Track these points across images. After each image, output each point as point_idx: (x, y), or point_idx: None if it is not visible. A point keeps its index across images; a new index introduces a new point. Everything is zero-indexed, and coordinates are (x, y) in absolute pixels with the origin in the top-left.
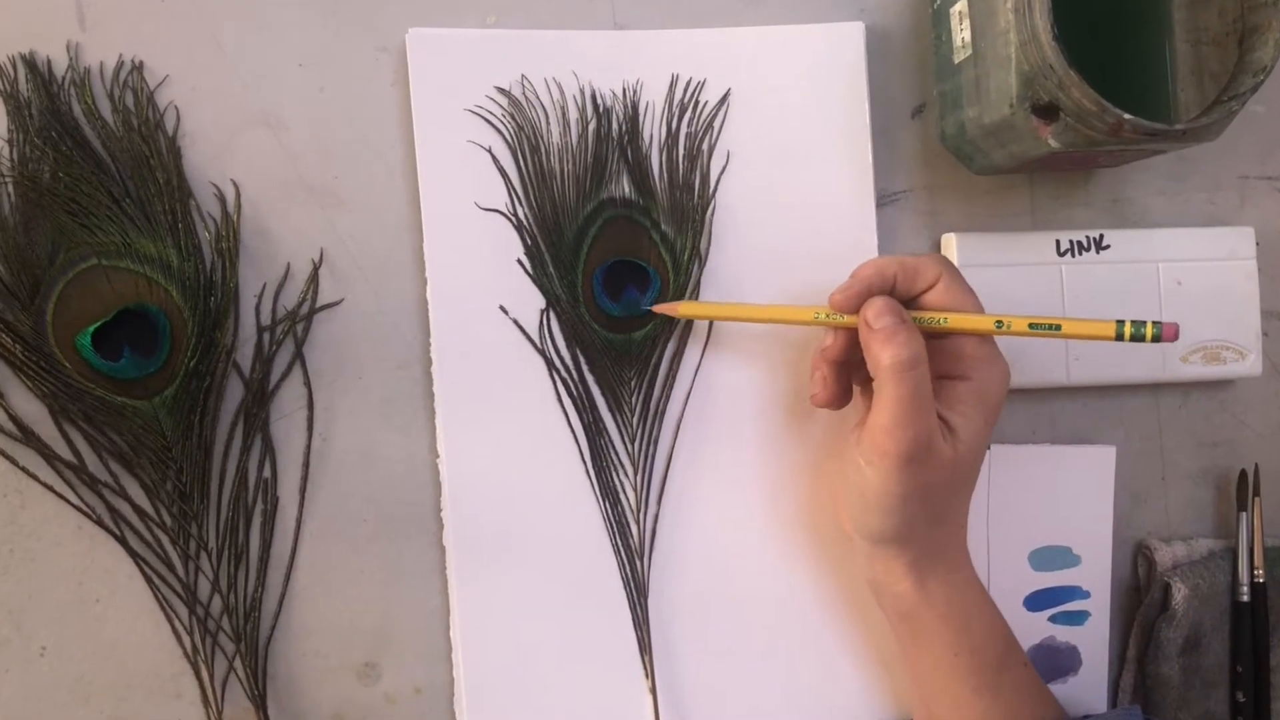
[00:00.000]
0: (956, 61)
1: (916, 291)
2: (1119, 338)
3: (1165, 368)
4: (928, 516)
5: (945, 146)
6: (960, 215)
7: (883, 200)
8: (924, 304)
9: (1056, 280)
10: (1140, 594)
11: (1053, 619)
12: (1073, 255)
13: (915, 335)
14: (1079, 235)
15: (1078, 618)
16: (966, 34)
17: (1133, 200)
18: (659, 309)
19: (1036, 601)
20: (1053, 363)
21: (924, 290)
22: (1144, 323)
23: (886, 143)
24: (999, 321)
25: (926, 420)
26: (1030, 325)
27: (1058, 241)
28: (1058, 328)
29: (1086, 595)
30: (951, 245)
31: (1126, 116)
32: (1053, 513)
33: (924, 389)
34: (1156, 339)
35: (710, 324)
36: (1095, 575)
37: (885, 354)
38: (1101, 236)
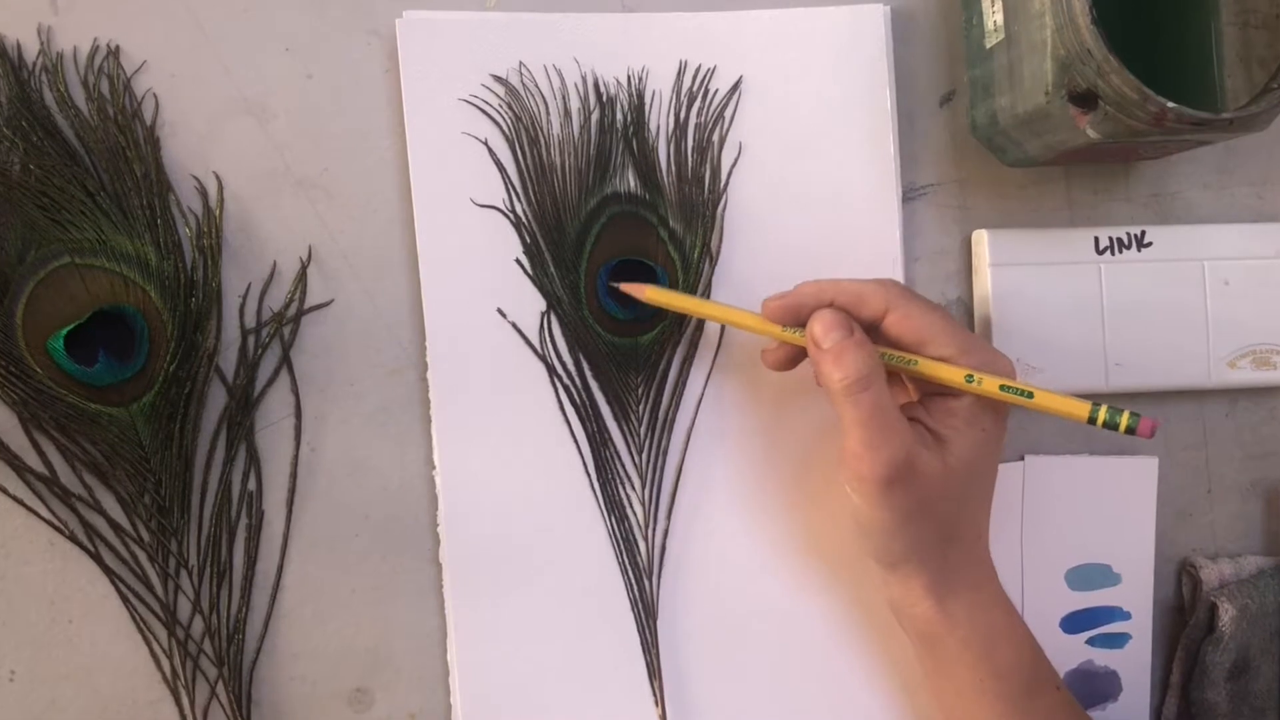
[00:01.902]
0: (988, 46)
1: (863, 320)
2: (1091, 421)
3: (1211, 374)
4: (936, 535)
5: (975, 137)
6: (991, 211)
7: (908, 195)
8: (882, 335)
9: (1095, 280)
10: (1184, 615)
11: (1091, 642)
12: (1112, 253)
13: (865, 350)
14: (1119, 232)
15: (1118, 640)
16: (999, 16)
17: (1176, 194)
18: (625, 288)
19: (1074, 623)
20: (1090, 368)
21: (871, 322)
22: (1120, 411)
23: (912, 133)
24: (969, 376)
25: (897, 438)
26: (1001, 387)
27: (1096, 239)
28: (1030, 395)
29: (1127, 616)
30: (982, 242)
31: (1170, 105)
32: (1091, 528)
33: (884, 404)
34: (1130, 431)
35: (723, 327)
36: (1136, 595)
37: (835, 375)
38: (1143, 233)
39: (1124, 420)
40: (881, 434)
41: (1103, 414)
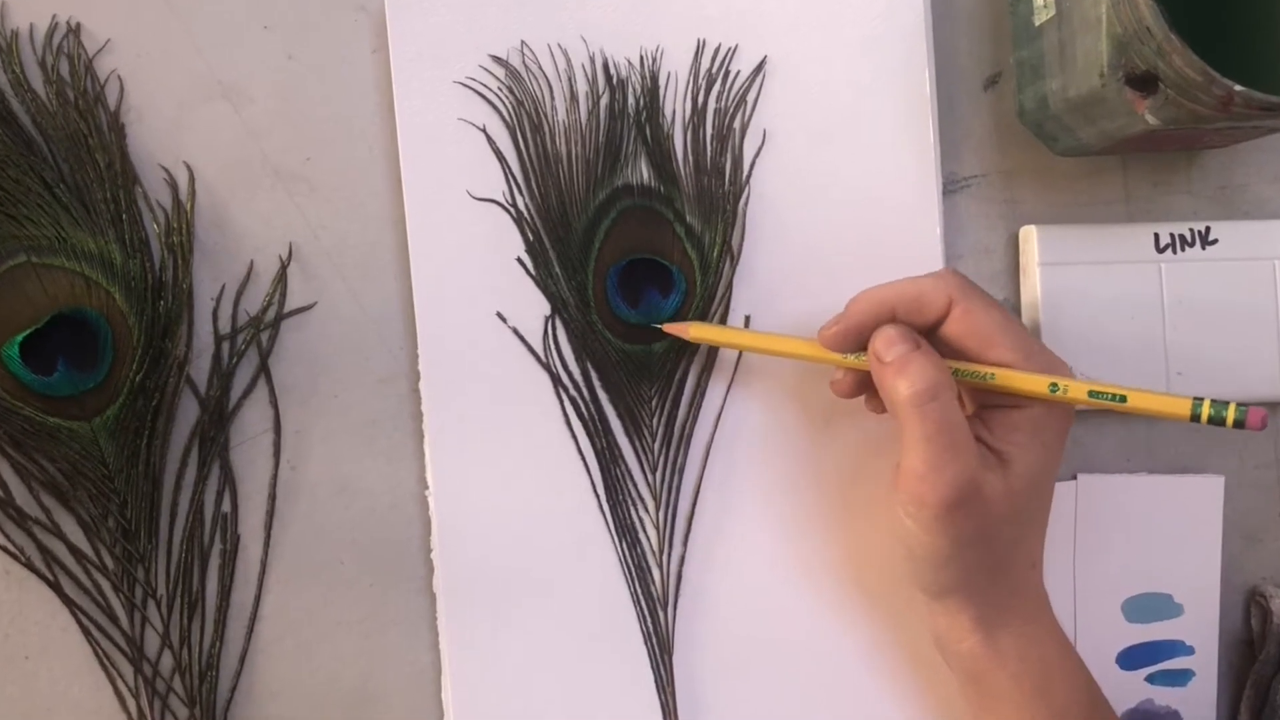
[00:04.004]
0: (1037, 24)
1: (926, 322)
2: (1194, 418)
3: None
4: (989, 564)
5: (1023, 124)
6: (1041, 205)
7: (949, 187)
8: (942, 335)
9: (1155, 281)
10: (1254, 649)
11: (1151, 679)
12: (1174, 251)
13: (933, 360)
14: (1181, 228)
15: (1180, 677)
16: None
17: (1244, 187)
18: (669, 329)
19: (1132, 658)
20: (1150, 375)
21: (935, 322)
22: (1226, 404)
23: (953, 120)
24: (1053, 384)
25: (964, 457)
26: (1090, 393)
27: (1156, 235)
28: (1123, 399)
29: (1190, 651)
30: (1031, 240)
31: (1237, 88)
32: (1150, 554)
33: (953, 420)
34: (1239, 424)
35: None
36: (1201, 628)
37: (900, 387)
38: (1208, 230)
39: (1230, 413)
40: (948, 452)
41: (1206, 409)
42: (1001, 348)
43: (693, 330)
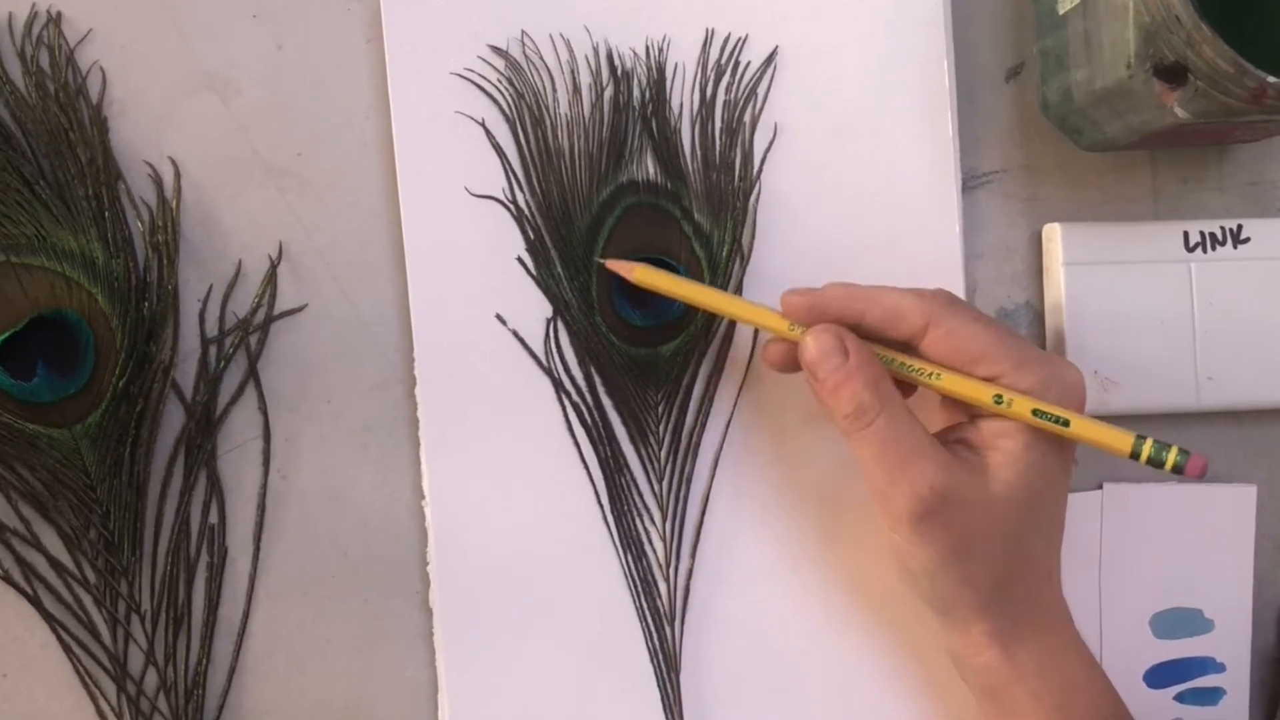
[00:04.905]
0: (1061, 12)
1: (899, 337)
2: (1134, 456)
3: None
4: (991, 575)
5: (1046, 117)
6: (1066, 201)
7: (969, 183)
8: (929, 354)
9: (1184, 281)
10: None
11: (1180, 698)
12: (1204, 250)
13: (865, 377)
14: (1212, 226)
15: (1210, 696)
16: None
17: (1277, 183)
18: (611, 265)
19: (1160, 676)
20: (1180, 381)
21: (910, 337)
22: (1167, 446)
23: (973, 113)
24: (998, 396)
25: (921, 468)
26: (1034, 411)
27: (1186, 234)
28: (1065, 423)
29: (1221, 669)
30: (1055, 238)
31: (1270, 79)
32: (1179, 567)
33: (897, 434)
34: (1178, 470)
35: (754, 339)
36: (1232, 644)
37: (836, 408)
38: (1239, 228)
39: (1170, 457)
40: (900, 466)
41: (1147, 449)
42: (989, 361)
43: (637, 272)
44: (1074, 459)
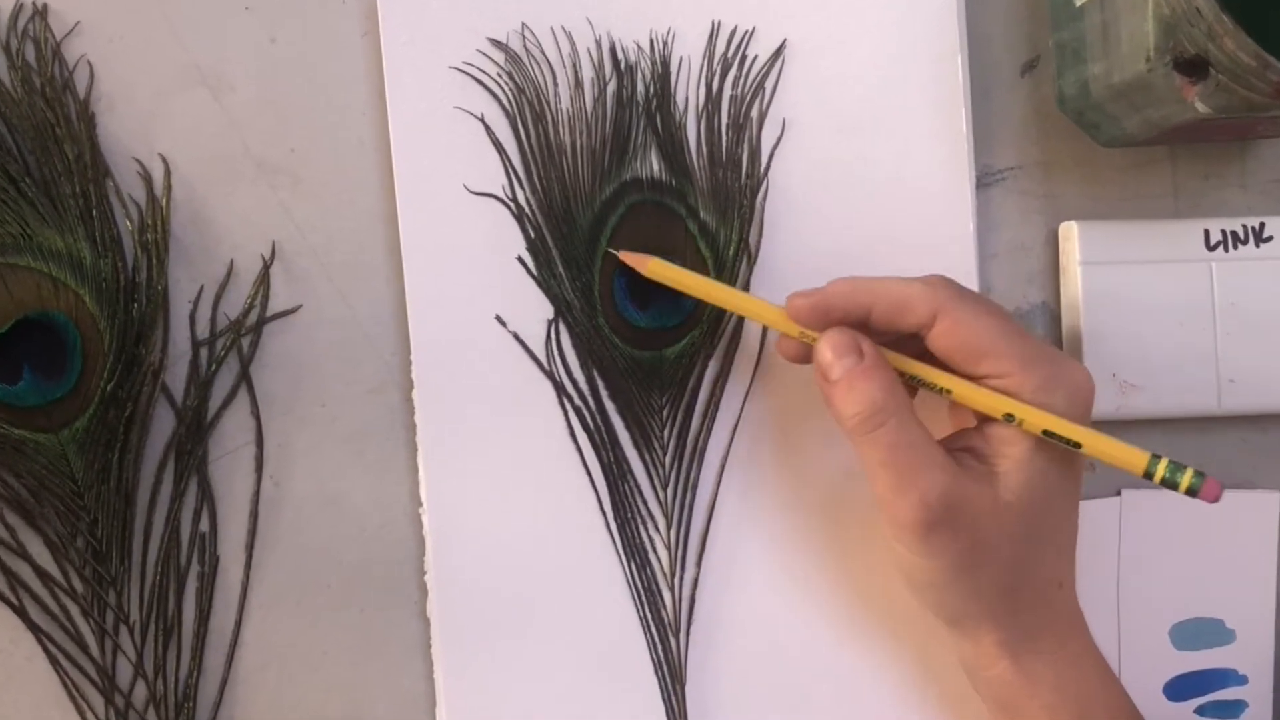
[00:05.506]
0: (1078, 3)
1: (906, 329)
2: (1148, 476)
3: None
4: (1003, 584)
5: (1063, 112)
6: (1083, 199)
7: (983, 180)
8: (928, 347)
9: (1205, 280)
10: None
11: (1201, 710)
12: (1225, 249)
13: (878, 379)
14: (1233, 224)
15: (1232, 709)
16: None
17: None
18: (624, 257)
19: (1180, 689)
20: (1200, 383)
21: (918, 328)
22: (1183, 468)
23: (987, 107)
24: (1009, 415)
25: (929, 475)
26: (1045, 432)
27: (1207, 232)
28: (1078, 445)
29: (1243, 680)
30: (1072, 237)
31: None
32: (1200, 577)
33: (908, 439)
34: (1192, 493)
35: (763, 341)
36: (1254, 655)
37: (845, 411)
38: (1262, 226)
39: (1185, 479)
40: (908, 474)
41: (1161, 469)
42: (994, 358)
43: (651, 265)
44: (1089, 464)
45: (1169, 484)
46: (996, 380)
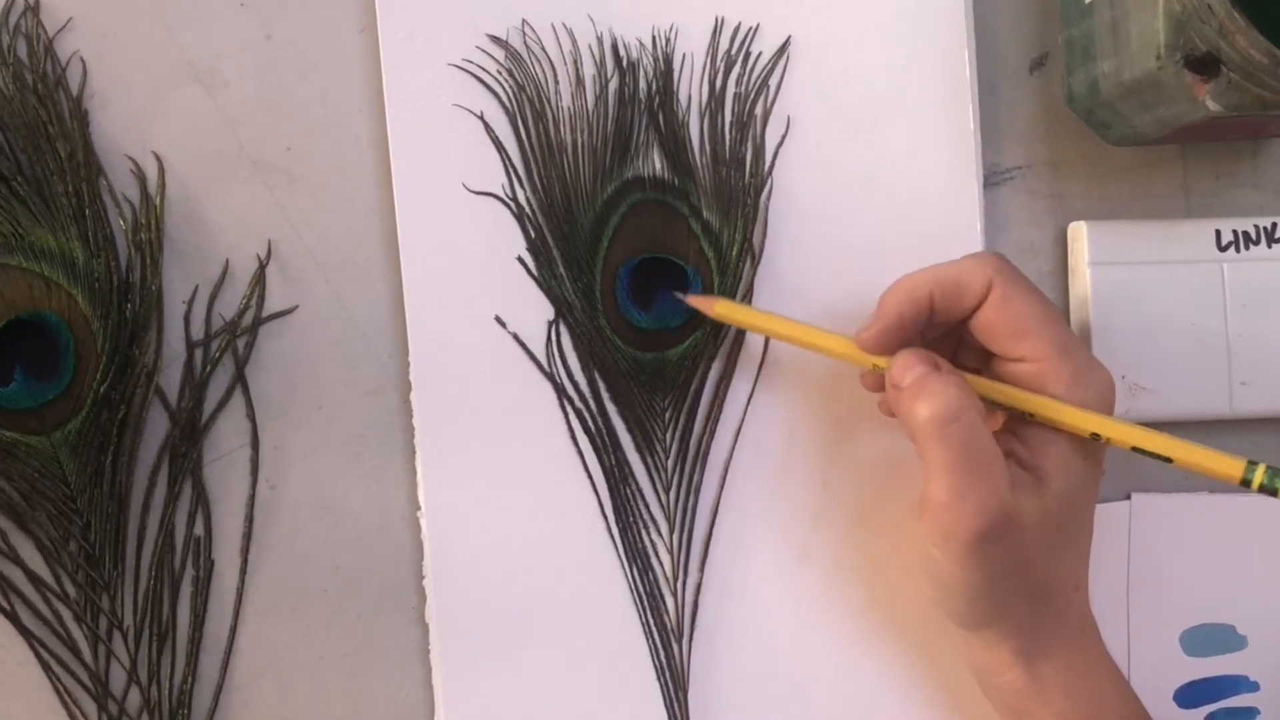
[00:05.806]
0: (1088, 1)
1: (965, 310)
2: (1245, 484)
3: None
4: (1026, 592)
5: (1072, 110)
6: (1092, 198)
7: (991, 179)
8: (977, 326)
9: (1216, 282)
10: None
11: (1212, 717)
12: (1237, 250)
13: (954, 380)
14: (1245, 224)
15: (1244, 716)
16: None
17: None
18: (692, 301)
19: (1191, 695)
20: (1211, 386)
21: (975, 306)
22: None
23: (995, 105)
24: (1095, 435)
25: (992, 481)
26: (1134, 448)
27: (1218, 232)
28: (1169, 460)
29: (1255, 688)
30: (1081, 237)
31: None
32: (1211, 582)
33: (978, 441)
34: None
35: (766, 342)
36: (1266, 662)
37: (919, 409)
38: (1274, 226)
39: None
40: (975, 478)
41: (1259, 475)
42: (1034, 339)
43: (718, 307)
44: (1103, 467)
45: (1267, 490)
46: (1032, 364)
